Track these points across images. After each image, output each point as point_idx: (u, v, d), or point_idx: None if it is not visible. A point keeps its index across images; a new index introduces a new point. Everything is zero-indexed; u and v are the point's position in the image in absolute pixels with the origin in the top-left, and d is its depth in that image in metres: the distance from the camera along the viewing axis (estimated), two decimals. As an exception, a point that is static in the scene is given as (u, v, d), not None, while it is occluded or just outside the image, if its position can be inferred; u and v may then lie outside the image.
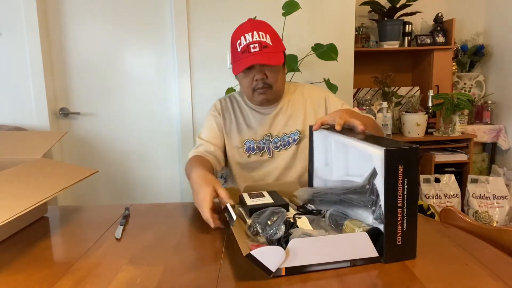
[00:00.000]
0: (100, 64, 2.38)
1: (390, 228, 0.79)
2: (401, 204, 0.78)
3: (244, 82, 1.32)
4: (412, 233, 0.81)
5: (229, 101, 1.45)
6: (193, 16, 2.32)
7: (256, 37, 1.23)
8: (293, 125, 1.39)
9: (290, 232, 0.85)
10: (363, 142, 0.87)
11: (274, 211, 0.90)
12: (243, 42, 1.24)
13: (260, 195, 1.06)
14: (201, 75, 2.38)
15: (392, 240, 0.80)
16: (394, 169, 0.77)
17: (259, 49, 1.22)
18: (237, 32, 1.28)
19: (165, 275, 0.79)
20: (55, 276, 0.80)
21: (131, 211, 1.19)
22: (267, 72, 1.27)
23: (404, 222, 0.79)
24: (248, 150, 1.38)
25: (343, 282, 0.75)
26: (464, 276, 0.76)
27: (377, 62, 2.93)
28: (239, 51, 1.25)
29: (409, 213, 0.79)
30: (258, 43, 1.23)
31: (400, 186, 0.78)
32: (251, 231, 0.90)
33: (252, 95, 1.32)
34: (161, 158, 2.48)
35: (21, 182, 0.96)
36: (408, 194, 0.78)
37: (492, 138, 2.84)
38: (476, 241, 0.93)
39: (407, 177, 0.77)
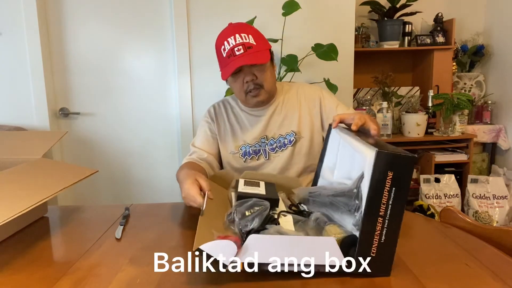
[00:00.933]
0: (100, 64, 2.38)
1: (366, 236, 0.73)
2: (383, 213, 0.72)
3: (235, 86, 1.31)
4: (390, 248, 0.74)
5: (222, 106, 1.44)
6: (193, 16, 2.32)
7: (239, 39, 1.22)
8: (288, 126, 1.37)
9: (266, 227, 0.83)
10: (362, 143, 0.83)
11: (256, 203, 0.88)
12: (227, 46, 1.23)
13: (256, 184, 1.04)
14: (201, 75, 2.38)
15: (365, 251, 0.73)
16: (382, 174, 0.71)
17: (244, 51, 1.21)
18: (220, 38, 1.27)
19: (165, 275, 0.79)
20: (55, 276, 0.80)
21: (131, 211, 1.19)
22: (255, 72, 1.26)
23: (383, 234, 0.72)
24: (244, 155, 1.37)
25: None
26: (464, 276, 0.76)
27: (377, 62, 2.93)
28: (224, 56, 1.25)
29: (391, 226, 0.72)
30: (241, 45, 1.21)
31: (385, 194, 0.71)
32: (229, 218, 0.89)
33: (245, 98, 1.32)
34: (161, 158, 2.48)
35: (21, 182, 0.96)
36: (393, 205, 0.71)
37: (492, 138, 2.84)
38: (476, 241, 0.93)
39: (396, 186, 0.71)
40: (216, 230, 0.83)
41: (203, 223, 0.84)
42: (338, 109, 1.35)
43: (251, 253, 0.73)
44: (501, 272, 0.77)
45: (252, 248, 0.74)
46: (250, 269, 0.73)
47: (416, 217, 1.16)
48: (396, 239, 0.74)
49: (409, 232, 1.02)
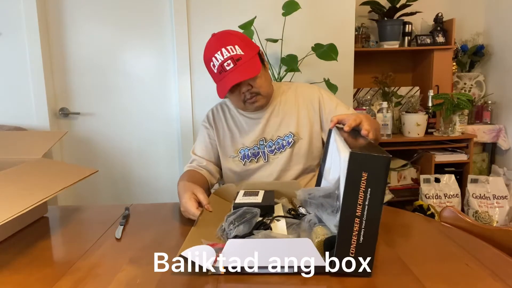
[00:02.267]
0: (100, 64, 2.38)
1: (343, 236, 0.74)
2: (360, 213, 0.72)
3: (233, 99, 1.31)
4: (369, 249, 0.74)
5: (220, 110, 1.44)
6: (193, 16, 2.32)
7: (226, 53, 1.21)
8: (287, 127, 1.36)
9: (253, 233, 0.85)
10: (343, 144, 0.84)
11: (246, 211, 0.90)
12: (216, 62, 1.22)
13: (254, 194, 1.05)
14: (201, 75, 2.38)
15: (344, 251, 0.74)
16: (356, 174, 0.71)
17: (234, 64, 1.20)
18: (207, 53, 1.27)
19: (165, 275, 0.79)
20: (55, 276, 0.80)
21: (131, 211, 1.19)
22: (250, 82, 1.25)
23: (361, 235, 0.73)
24: (243, 158, 1.36)
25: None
26: (464, 276, 0.76)
27: (377, 62, 2.93)
28: (216, 72, 1.24)
29: (368, 226, 0.73)
30: (230, 59, 1.20)
31: (361, 194, 0.72)
32: (221, 228, 0.91)
33: (244, 106, 1.32)
34: (161, 158, 2.48)
35: (21, 182, 0.96)
36: (370, 205, 0.72)
37: (492, 138, 2.84)
38: (476, 241, 0.93)
39: (372, 187, 0.71)
40: (206, 239, 0.85)
41: (193, 233, 0.87)
42: (338, 109, 1.34)
43: (231, 257, 0.76)
44: (501, 272, 0.77)
45: (230, 252, 0.76)
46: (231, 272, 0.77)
47: (416, 217, 1.16)
48: (375, 239, 0.74)
49: (409, 232, 1.02)
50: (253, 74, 1.22)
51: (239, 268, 0.76)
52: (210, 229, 0.93)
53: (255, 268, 0.76)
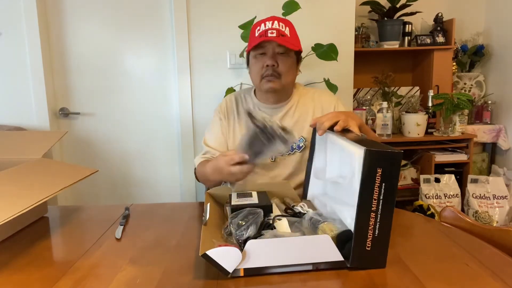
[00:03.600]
0: (100, 64, 2.39)
1: (361, 231, 0.76)
2: (375, 208, 0.75)
3: (254, 67, 1.30)
4: (384, 241, 0.78)
5: (234, 101, 1.42)
6: (193, 16, 2.32)
7: (276, 25, 1.24)
8: (300, 131, 1.35)
9: (262, 233, 0.85)
10: (349, 142, 0.87)
11: (250, 212, 0.90)
12: (262, 28, 1.25)
13: (248, 195, 1.05)
14: (201, 75, 2.38)
15: (361, 245, 0.77)
16: (372, 171, 0.74)
17: (276, 35, 1.22)
18: (259, 21, 1.30)
19: (165, 275, 0.79)
20: (55, 276, 0.80)
21: (131, 211, 1.19)
22: (278, 60, 1.27)
23: (377, 228, 0.76)
24: None
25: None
26: (464, 276, 0.76)
27: (377, 62, 2.93)
28: (256, 36, 1.26)
29: (383, 220, 0.76)
30: (276, 30, 1.23)
31: (376, 190, 0.75)
32: (226, 231, 0.90)
33: (259, 82, 1.31)
34: (161, 158, 2.48)
35: (21, 182, 0.96)
36: (384, 199, 0.75)
37: (492, 138, 2.84)
38: (476, 241, 0.93)
39: (386, 182, 0.75)
40: (216, 239, 0.85)
41: (206, 232, 0.86)
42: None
43: (251, 258, 0.76)
44: (501, 272, 0.77)
45: (251, 253, 0.76)
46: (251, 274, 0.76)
47: (416, 217, 1.16)
48: (389, 232, 0.77)
49: (409, 232, 1.02)
50: (289, 46, 1.24)
51: (260, 269, 0.77)
52: (215, 230, 0.92)
53: (277, 267, 0.77)
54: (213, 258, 0.74)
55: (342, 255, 0.78)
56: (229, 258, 0.75)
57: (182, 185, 2.50)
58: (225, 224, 0.93)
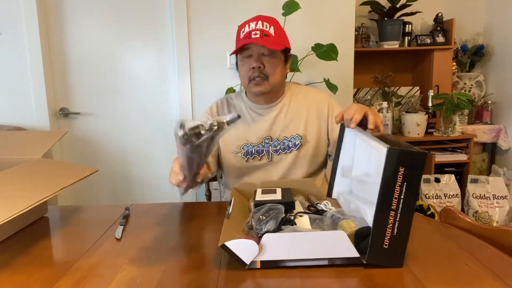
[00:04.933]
0: (100, 64, 2.39)
1: (379, 228, 0.76)
2: (395, 207, 0.75)
3: (242, 70, 1.30)
4: (402, 240, 0.77)
5: (225, 104, 1.42)
6: (193, 16, 2.32)
7: (260, 25, 1.24)
8: (294, 129, 1.35)
9: (282, 228, 0.86)
10: (376, 139, 0.87)
11: (271, 208, 0.91)
12: (246, 29, 1.25)
13: (272, 192, 1.06)
14: (201, 75, 2.38)
15: (378, 242, 0.77)
16: (394, 169, 0.74)
17: (260, 36, 1.22)
18: (244, 22, 1.29)
19: (165, 275, 0.79)
20: (55, 276, 0.80)
21: (131, 211, 1.19)
22: (265, 61, 1.25)
23: (396, 227, 0.76)
24: (246, 154, 1.35)
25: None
26: (464, 276, 0.76)
27: (377, 62, 2.93)
28: (241, 38, 1.26)
29: (403, 219, 0.76)
30: (260, 31, 1.23)
31: (397, 188, 0.75)
32: (248, 225, 0.91)
33: (248, 84, 1.30)
34: (161, 158, 2.48)
35: (21, 182, 0.96)
36: (405, 199, 0.75)
37: (492, 138, 2.84)
38: (476, 241, 0.93)
39: (407, 181, 0.74)
40: (237, 233, 0.87)
41: (227, 224, 0.87)
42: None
43: (267, 251, 0.78)
44: (501, 272, 0.77)
45: (268, 246, 0.78)
46: (267, 266, 0.78)
47: (416, 217, 1.15)
48: (408, 232, 0.77)
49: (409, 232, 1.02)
50: (272, 47, 1.22)
51: (276, 262, 0.78)
52: (237, 223, 0.94)
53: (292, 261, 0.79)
54: (231, 249, 0.76)
55: (359, 251, 0.79)
56: (246, 250, 0.77)
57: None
58: (247, 219, 0.94)
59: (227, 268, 0.81)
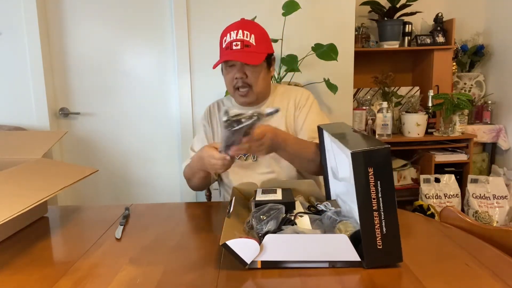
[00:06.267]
0: (100, 64, 2.39)
1: (367, 232, 0.76)
2: (376, 207, 0.75)
3: (226, 79, 1.32)
4: (394, 236, 0.77)
5: (216, 107, 1.45)
6: (193, 16, 2.32)
7: (240, 35, 1.23)
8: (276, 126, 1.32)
9: (282, 228, 0.86)
10: (340, 143, 0.86)
11: (272, 207, 0.92)
12: (228, 39, 1.25)
13: (273, 192, 1.07)
14: (201, 75, 2.38)
15: (372, 244, 0.77)
16: (363, 172, 0.74)
17: (240, 47, 1.23)
18: (226, 29, 1.29)
19: (165, 275, 0.79)
20: (55, 276, 0.80)
21: (131, 211, 1.19)
22: (247, 71, 1.27)
23: (383, 226, 0.76)
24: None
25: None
26: (464, 276, 0.76)
27: (377, 62, 2.93)
28: (223, 47, 1.27)
29: (387, 216, 0.76)
30: (240, 42, 1.23)
31: (373, 189, 0.74)
32: (248, 225, 0.92)
33: (233, 93, 1.33)
34: (161, 158, 2.48)
35: (21, 182, 0.96)
36: (383, 197, 0.74)
37: (492, 138, 2.84)
38: (476, 241, 0.93)
39: (380, 179, 0.74)
40: (238, 232, 0.87)
41: (228, 224, 0.88)
42: (308, 117, 1.33)
43: (268, 251, 0.78)
44: (501, 272, 0.77)
45: (269, 247, 0.78)
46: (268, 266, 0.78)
47: (416, 217, 1.16)
48: (397, 227, 0.77)
49: (409, 232, 1.02)
50: (250, 62, 1.23)
51: (277, 262, 0.79)
52: (238, 223, 0.94)
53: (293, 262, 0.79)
54: (233, 248, 0.76)
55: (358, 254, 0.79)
56: (247, 249, 0.77)
57: (182, 185, 2.49)
58: (247, 218, 0.94)
59: (227, 268, 0.81)
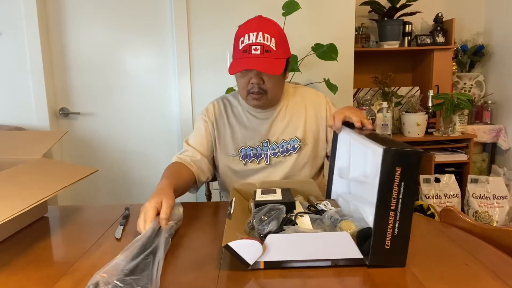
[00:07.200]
0: (100, 64, 2.39)
1: (379, 229, 0.76)
2: (394, 207, 0.75)
3: (240, 82, 1.27)
4: (403, 240, 0.77)
5: (222, 105, 1.39)
6: (193, 16, 2.32)
7: (261, 38, 1.17)
8: (293, 132, 1.33)
9: (284, 228, 0.86)
10: (369, 140, 0.87)
11: (272, 208, 0.91)
12: (246, 41, 1.18)
13: (272, 192, 1.06)
14: (201, 75, 2.38)
15: (380, 243, 0.77)
16: (391, 169, 0.74)
17: (261, 53, 1.16)
18: (243, 28, 1.22)
19: (165, 275, 0.78)
20: (55, 276, 0.80)
21: (131, 211, 1.19)
22: (264, 77, 1.22)
23: (396, 227, 0.76)
24: (244, 157, 1.32)
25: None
26: (464, 276, 0.76)
27: (377, 62, 2.93)
28: (240, 49, 1.20)
29: (403, 219, 0.76)
30: (261, 46, 1.16)
31: (395, 188, 0.74)
32: (249, 225, 0.91)
33: (246, 96, 1.28)
34: (161, 158, 2.48)
35: (21, 182, 0.96)
36: (403, 199, 0.75)
37: (492, 138, 2.84)
38: (476, 241, 0.93)
39: (405, 181, 0.74)
40: (239, 233, 0.87)
41: (229, 225, 0.87)
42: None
43: (271, 251, 0.78)
44: (501, 272, 0.77)
45: (272, 247, 0.78)
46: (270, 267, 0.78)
47: (416, 217, 1.15)
48: (409, 231, 0.77)
49: (409, 232, 1.02)
50: (272, 72, 1.17)
51: (279, 262, 0.79)
52: (239, 224, 0.94)
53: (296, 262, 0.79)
54: (235, 249, 0.76)
55: (362, 252, 0.79)
56: (250, 250, 0.77)
57: (182, 185, 2.49)
58: (248, 219, 0.94)
59: (227, 269, 0.81)
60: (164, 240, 0.86)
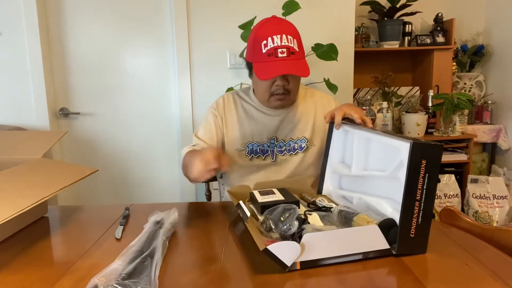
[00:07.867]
0: (100, 64, 2.39)
1: (406, 219, 0.81)
2: (419, 197, 0.80)
3: (263, 84, 1.26)
4: (426, 228, 0.82)
5: (232, 100, 1.39)
6: (193, 16, 2.32)
7: (285, 41, 1.17)
8: (301, 131, 1.34)
9: (303, 227, 0.87)
10: (389, 136, 0.92)
11: (286, 208, 0.92)
12: (270, 44, 1.17)
13: (270, 193, 1.06)
14: (201, 75, 2.38)
15: (406, 232, 0.82)
16: (417, 162, 0.79)
17: (287, 55, 1.17)
18: (264, 30, 1.21)
19: (165, 276, 0.78)
20: (55, 276, 0.80)
21: (131, 211, 1.19)
22: (289, 78, 1.24)
23: (420, 216, 0.81)
24: (250, 153, 1.34)
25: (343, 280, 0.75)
26: (464, 276, 0.76)
27: (377, 62, 2.93)
28: (264, 53, 1.18)
29: (425, 208, 0.81)
30: (286, 49, 1.17)
31: (421, 180, 0.80)
32: (264, 227, 0.91)
33: (268, 99, 1.28)
34: (161, 158, 2.48)
35: (21, 182, 0.96)
36: (427, 189, 0.80)
37: (492, 138, 2.84)
38: (476, 241, 0.93)
39: (429, 172, 0.80)
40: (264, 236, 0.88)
41: (251, 228, 0.88)
42: None
43: (306, 251, 0.78)
44: (501, 272, 0.77)
45: (308, 246, 0.79)
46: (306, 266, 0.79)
47: (416, 217, 1.15)
48: (430, 220, 0.82)
49: (409, 232, 1.02)
50: (305, 74, 1.19)
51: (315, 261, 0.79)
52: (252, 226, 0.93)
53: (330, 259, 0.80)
54: (274, 252, 0.75)
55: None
56: (288, 252, 0.77)
57: (182, 185, 2.50)
58: (259, 221, 0.93)
59: (227, 269, 0.81)
60: (161, 242, 0.86)
